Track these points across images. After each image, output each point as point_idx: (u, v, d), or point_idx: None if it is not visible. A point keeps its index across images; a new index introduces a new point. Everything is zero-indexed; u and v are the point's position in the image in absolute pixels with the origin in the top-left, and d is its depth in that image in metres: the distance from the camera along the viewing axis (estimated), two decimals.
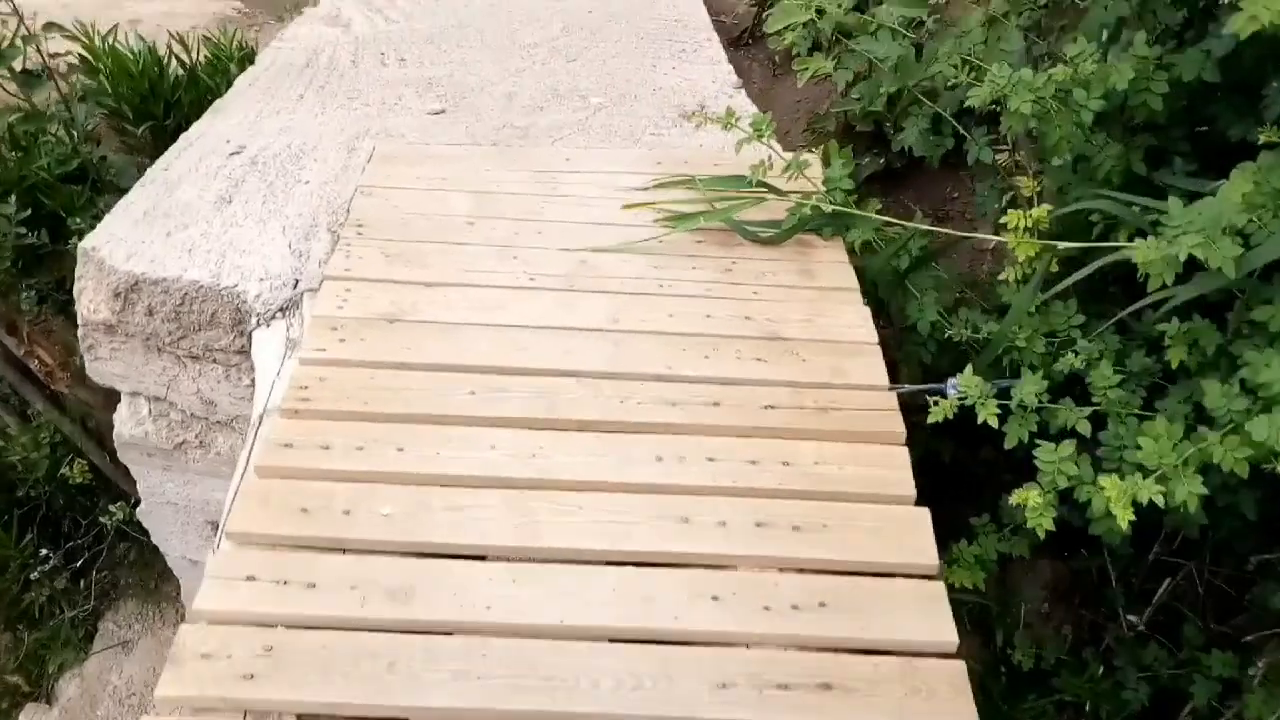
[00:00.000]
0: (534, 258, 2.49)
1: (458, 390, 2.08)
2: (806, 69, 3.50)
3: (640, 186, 2.78)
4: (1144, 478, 1.77)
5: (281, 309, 2.38)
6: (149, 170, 2.95)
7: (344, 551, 1.78)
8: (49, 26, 3.63)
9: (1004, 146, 3.24)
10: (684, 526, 1.82)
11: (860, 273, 2.60)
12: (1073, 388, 2.34)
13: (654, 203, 2.60)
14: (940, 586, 1.76)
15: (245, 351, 2.49)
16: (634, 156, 2.96)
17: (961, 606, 2.58)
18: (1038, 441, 2.09)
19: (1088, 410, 2.13)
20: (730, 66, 3.72)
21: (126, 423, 2.78)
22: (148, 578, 3.82)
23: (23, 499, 3.50)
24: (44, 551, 3.59)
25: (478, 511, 1.83)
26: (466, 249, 2.50)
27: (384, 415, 2.02)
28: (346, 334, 2.20)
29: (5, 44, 3.72)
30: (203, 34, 4.33)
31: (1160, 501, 1.72)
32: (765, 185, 2.55)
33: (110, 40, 4.22)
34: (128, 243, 2.59)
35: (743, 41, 4.79)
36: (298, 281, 2.42)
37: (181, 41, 4.20)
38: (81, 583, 3.69)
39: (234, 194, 2.76)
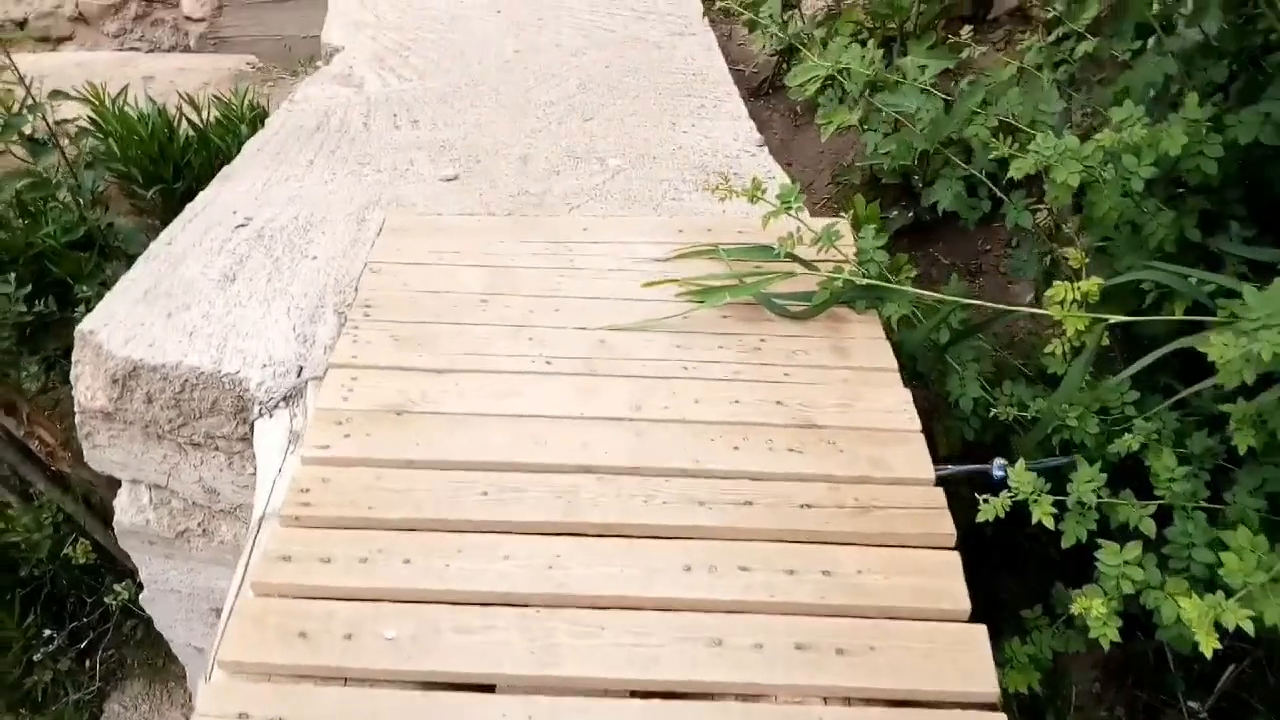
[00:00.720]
0: (550, 338, 2.35)
1: (469, 491, 1.93)
2: (830, 124, 3.37)
3: (661, 257, 2.64)
4: (1226, 595, 1.59)
5: (285, 398, 2.25)
6: (153, 244, 2.84)
7: (345, 682, 1.62)
8: (55, 94, 3.56)
9: (1042, 204, 3.10)
10: (716, 650, 1.65)
11: (897, 346, 2.44)
12: (1130, 469, 2.18)
13: (676, 279, 2.45)
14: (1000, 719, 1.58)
15: (248, 439, 2.36)
16: (654, 224, 2.82)
17: (1007, 691, 2.39)
18: (1098, 541, 1.92)
19: (1151, 506, 1.95)
20: (752, 123, 3.59)
21: (127, 510, 2.64)
22: (155, 656, 3.68)
23: (25, 579, 3.38)
24: (47, 632, 3.46)
25: (490, 634, 1.67)
26: (479, 330, 2.36)
27: (390, 522, 1.87)
28: (351, 428, 2.06)
29: (14, 110, 3.65)
30: (214, 94, 4.25)
31: (1249, 628, 1.54)
32: (794, 258, 2.41)
33: (120, 103, 4.16)
34: (127, 325, 2.47)
35: (763, 91, 4.67)
36: (301, 369, 2.28)
37: (192, 102, 4.12)
38: (86, 663, 3.55)
39: (238, 271, 2.64)
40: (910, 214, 3.87)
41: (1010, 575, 2.95)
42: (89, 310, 3.27)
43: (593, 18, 4.55)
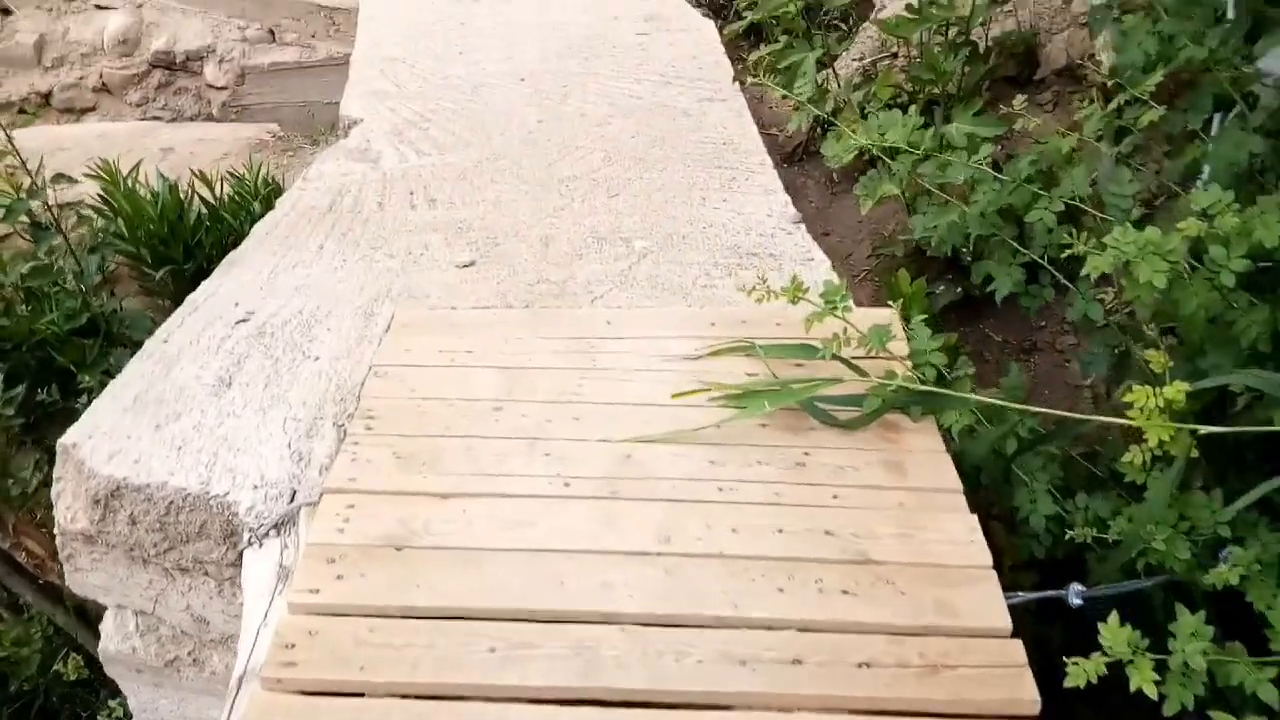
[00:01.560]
0: (570, 453, 2.11)
1: (475, 646, 1.68)
2: (870, 199, 3.13)
3: (692, 355, 2.40)
4: None
5: (276, 525, 2.02)
6: (148, 341, 2.65)
7: None
8: (59, 178, 3.41)
9: (1109, 288, 2.83)
10: None
11: (957, 457, 2.18)
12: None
13: (707, 387, 2.21)
14: None
15: (239, 564, 2.13)
16: (683, 316, 2.59)
17: None
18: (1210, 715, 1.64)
19: (1271, 670, 1.66)
20: (787, 197, 3.36)
21: (112, 638, 2.42)
22: None
23: (15, 694, 3.17)
24: None
25: None
26: (491, 444, 2.13)
27: (383, 687, 1.62)
28: (345, 567, 1.83)
29: (21, 192, 3.51)
30: (228, 170, 4.10)
31: None
32: (841, 360, 2.16)
33: (131, 180, 4.02)
34: (112, 437, 2.26)
35: (797, 157, 4.46)
36: (295, 492, 2.06)
37: (204, 178, 3.97)
38: None
39: (235, 374, 2.44)
40: (958, 289, 3.61)
41: (1085, 704, 2.65)
42: (90, 400, 3.12)
43: (619, 84, 4.37)
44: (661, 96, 4.25)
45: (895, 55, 4.48)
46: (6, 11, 5.97)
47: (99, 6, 5.88)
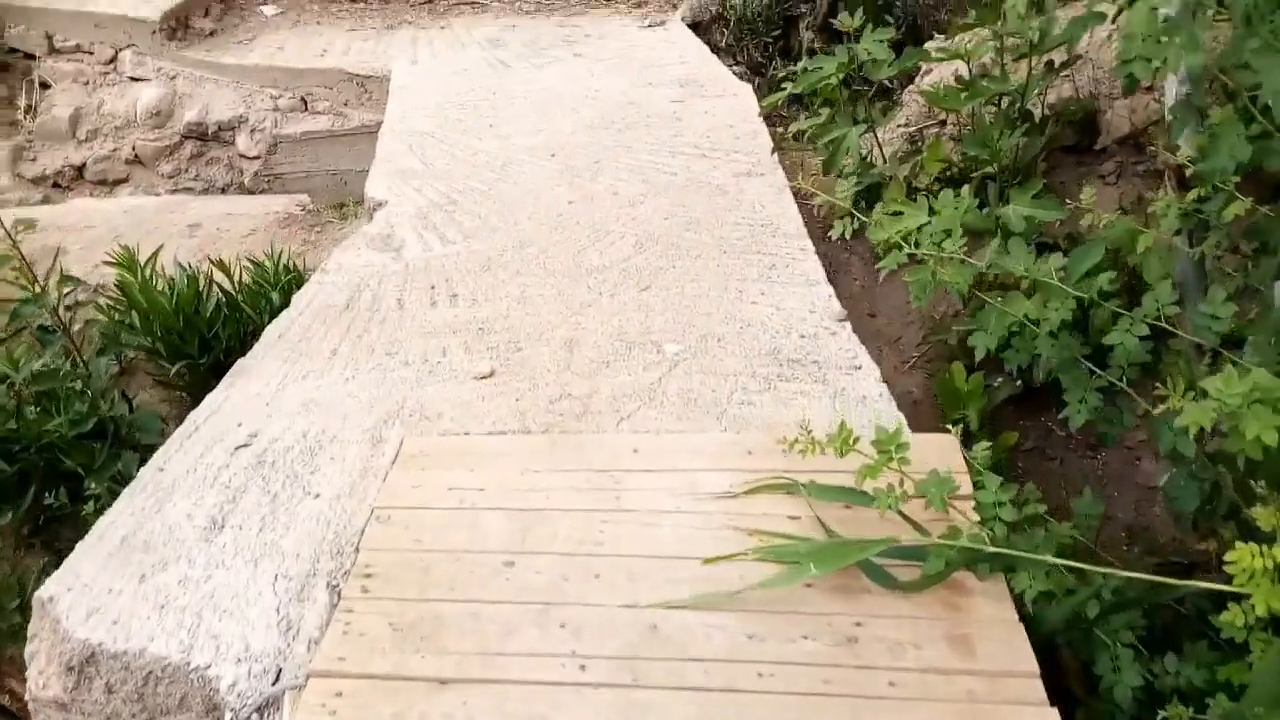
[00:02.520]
0: (587, 622, 1.85)
1: None
2: (921, 298, 2.85)
3: (726, 492, 2.14)
4: None
5: (259, 709, 1.79)
6: (142, 471, 2.45)
7: None
8: (65, 280, 3.26)
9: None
10: None
11: (1029, 623, 1.89)
12: None
13: (744, 554, 1.94)
14: None
15: None
16: (718, 444, 2.33)
17: None
18: None
19: None
20: (829, 290, 3.10)
21: None
22: None
23: None
24: None
25: None
26: (499, 611, 1.88)
27: None
28: None
29: (35, 286, 3.36)
30: (248, 257, 3.94)
31: None
32: (901, 515, 1.88)
33: (150, 268, 3.87)
34: (92, 591, 2.05)
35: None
36: (280, 670, 1.83)
37: (223, 267, 3.81)
38: None
39: (229, 513, 2.22)
40: (1018, 382, 3.30)
41: None
42: (98, 510, 2.94)
43: (653, 158, 4.15)
44: (697, 171, 4.02)
45: (943, 123, 4.21)
46: (45, 86, 5.94)
47: (134, 79, 5.82)
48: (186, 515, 2.23)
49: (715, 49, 6.00)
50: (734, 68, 6.02)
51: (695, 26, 6.03)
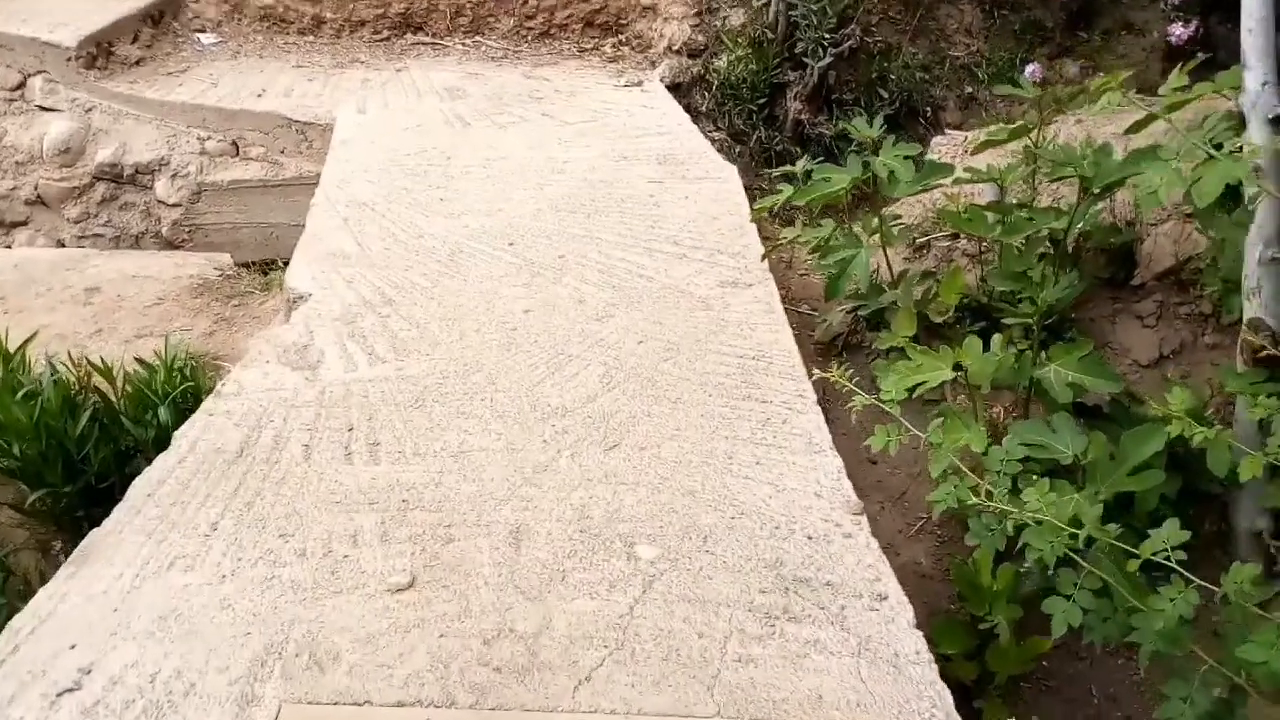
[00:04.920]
0: None
1: None
2: (944, 501, 2.27)
3: None
4: None
5: None
6: None
7: None
8: None
9: None
10: None
11: None
12: None
13: None
14: None
15: None
16: None
17: None
18: None
19: None
20: (839, 461, 2.51)
21: None
22: None
23: None
24: None
25: None
26: None
27: None
28: None
29: None
30: (133, 362, 3.23)
31: None
32: None
33: (19, 358, 3.16)
34: None
35: (835, 351, 3.61)
36: None
37: (105, 372, 3.11)
38: None
39: None
40: (1051, 571, 2.74)
41: None
42: None
43: (625, 256, 3.54)
44: (676, 276, 3.42)
45: (957, 235, 3.66)
46: None
47: (43, 108, 5.06)
48: None
49: (695, 113, 5.43)
50: (715, 134, 5.46)
51: (675, 88, 5.45)
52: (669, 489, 2.36)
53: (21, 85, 5.07)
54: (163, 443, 2.94)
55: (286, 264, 3.85)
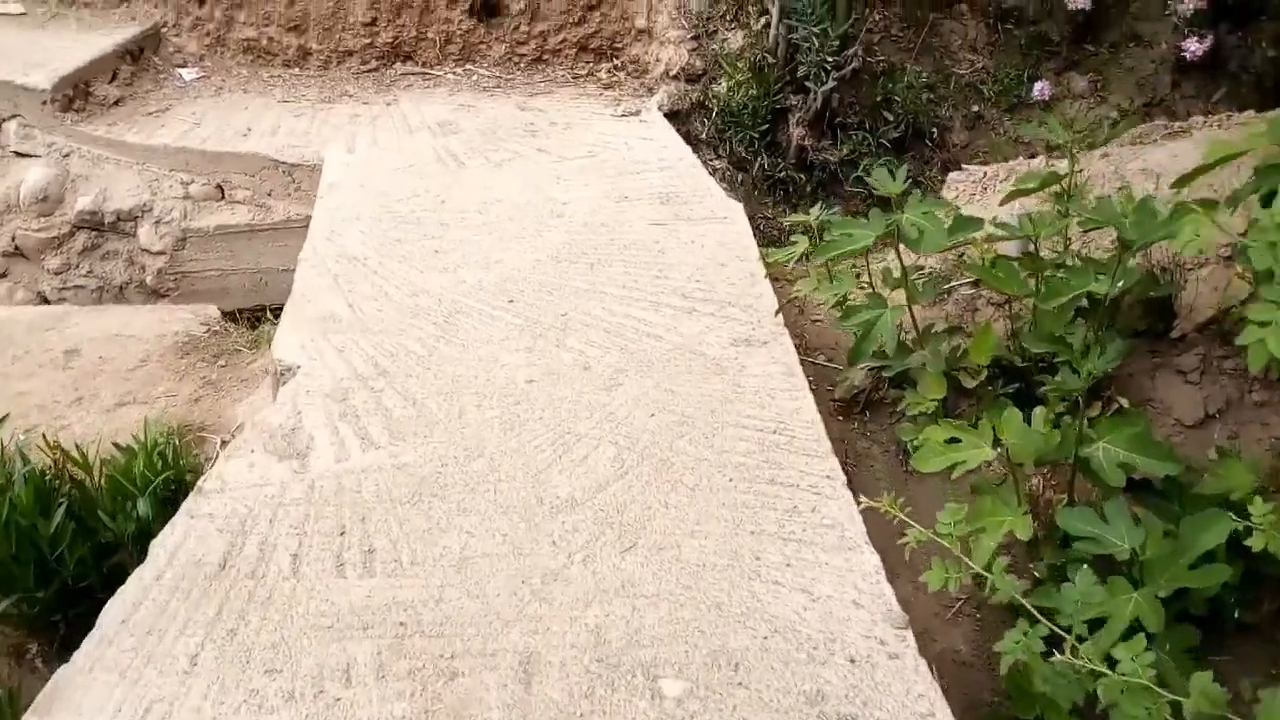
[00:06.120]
0: None
1: None
2: (1011, 651, 2.05)
3: None
4: None
5: None
6: None
7: None
8: None
9: None
10: None
11: None
12: None
13: None
14: None
15: None
16: None
17: None
18: None
19: None
20: (875, 558, 2.27)
21: None
22: None
23: None
24: None
25: None
26: None
27: None
28: None
29: None
30: (111, 446, 2.98)
31: None
32: None
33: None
34: None
35: (856, 409, 3.37)
36: None
37: (81, 462, 2.86)
38: None
39: None
40: None
41: None
42: None
43: (630, 312, 3.29)
44: (686, 333, 3.18)
45: (977, 282, 3.42)
46: None
47: (19, 154, 4.80)
48: None
49: (695, 141, 5.19)
50: (716, 162, 5.21)
51: (673, 115, 5.20)
52: (693, 602, 2.13)
53: None
54: (143, 536, 2.72)
55: (276, 313, 3.62)
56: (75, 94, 4.86)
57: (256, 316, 4.48)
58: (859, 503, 2.22)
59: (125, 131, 4.80)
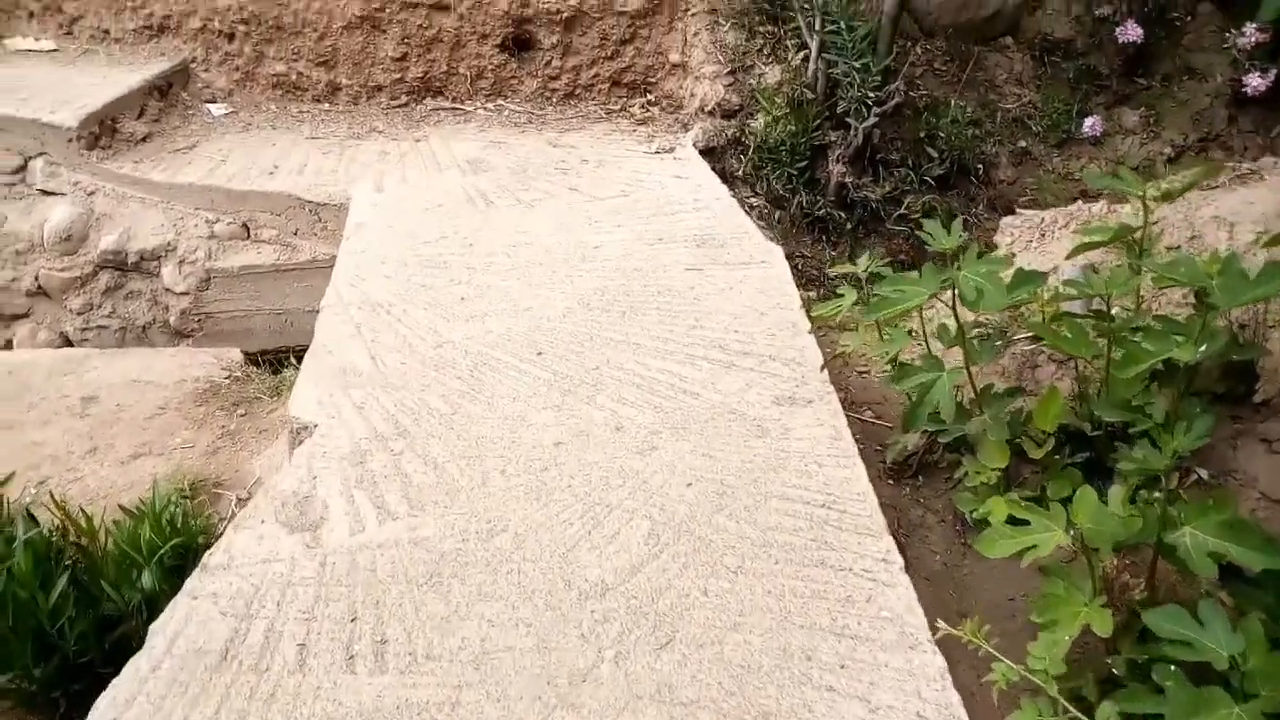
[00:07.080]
0: None
1: None
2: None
3: None
4: None
5: None
6: None
7: None
8: None
9: None
10: None
11: None
12: None
13: None
14: None
15: None
16: None
17: None
18: None
19: None
20: (941, 661, 2.03)
21: None
22: None
23: None
24: None
25: None
26: None
27: None
28: None
29: None
30: (119, 505, 2.81)
31: None
32: None
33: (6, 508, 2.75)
34: None
35: (908, 472, 3.12)
36: None
37: (86, 528, 2.68)
38: None
39: None
40: None
41: None
42: None
43: (665, 366, 3.08)
44: (724, 390, 2.96)
45: (1037, 339, 3.17)
46: None
47: (44, 192, 4.69)
48: None
49: (731, 178, 4.99)
50: (752, 199, 5.00)
51: (708, 152, 5.00)
52: (737, 711, 1.89)
53: (22, 169, 4.71)
54: (149, 606, 2.54)
55: (299, 355, 3.45)
56: (102, 131, 4.75)
57: (281, 359, 4.32)
58: (934, 629, 1.97)
59: (151, 169, 4.68)
